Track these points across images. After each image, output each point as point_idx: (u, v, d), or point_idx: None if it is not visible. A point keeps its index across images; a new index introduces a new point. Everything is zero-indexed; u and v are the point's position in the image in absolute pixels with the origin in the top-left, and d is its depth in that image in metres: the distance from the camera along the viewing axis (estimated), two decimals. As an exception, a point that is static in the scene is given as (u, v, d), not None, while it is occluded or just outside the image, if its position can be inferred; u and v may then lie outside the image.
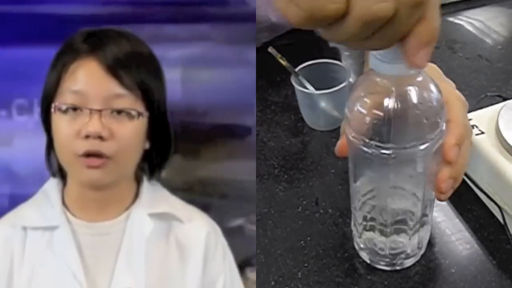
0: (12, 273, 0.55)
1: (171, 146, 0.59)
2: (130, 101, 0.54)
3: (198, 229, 0.58)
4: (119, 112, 0.53)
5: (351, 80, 0.88)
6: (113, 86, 0.53)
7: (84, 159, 0.53)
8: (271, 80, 1.05)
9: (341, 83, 0.86)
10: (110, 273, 0.55)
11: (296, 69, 0.90)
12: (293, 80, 0.89)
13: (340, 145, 0.63)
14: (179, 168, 0.69)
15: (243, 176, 0.72)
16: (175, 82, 0.70)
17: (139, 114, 0.54)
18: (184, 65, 0.70)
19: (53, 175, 0.58)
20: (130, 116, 0.54)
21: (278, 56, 0.91)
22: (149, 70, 0.55)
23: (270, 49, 0.91)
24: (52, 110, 0.54)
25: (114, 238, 0.56)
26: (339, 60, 0.94)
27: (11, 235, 0.56)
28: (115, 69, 0.53)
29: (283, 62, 0.91)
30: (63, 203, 0.57)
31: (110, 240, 0.56)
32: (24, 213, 0.57)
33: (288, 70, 0.90)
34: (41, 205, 0.57)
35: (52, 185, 0.58)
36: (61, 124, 0.53)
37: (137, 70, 0.54)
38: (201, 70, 0.71)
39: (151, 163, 0.58)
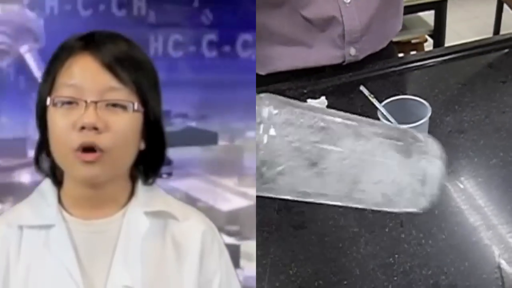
0: (9, 272, 0.55)
1: (166, 150, 0.59)
2: (125, 94, 0.54)
3: (194, 227, 0.58)
4: (114, 104, 0.54)
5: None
6: (108, 80, 0.54)
7: (80, 154, 0.53)
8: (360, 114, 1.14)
9: (421, 118, 0.97)
10: (106, 271, 0.55)
11: (382, 104, 1.01)
12: (379, 114, 1.00)
13: None
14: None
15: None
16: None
17: (134, 106, 0.54)
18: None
19: (46, 175, 0.58)
20: (124, 108, 0.54)
21: (370, 96, 1.01)
22: (144, 71, 0.56)
23: (362, 88, 1.02)
24: (48, 103, 0.54)
25: (110, 236, 0.56)
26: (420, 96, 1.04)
27: (8, 234, 0.56)
28: (110, 63, 0.54)
29: (373, 100, 1.01)
30: (59, 201, 0.57)
31: (106, 238, 0.56)
32: (20, 212, 0.57)
33: (376, 106, 1.01)
34: (37, 204, 0.57)
35: (48, 184, 0.58)
36: (57, 117, 0.54)
37: (133, 70, 0.55)
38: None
39: (146, 166, 0.58)
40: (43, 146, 0.56)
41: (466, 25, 3.75)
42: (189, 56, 0.88)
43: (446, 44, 2.68)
